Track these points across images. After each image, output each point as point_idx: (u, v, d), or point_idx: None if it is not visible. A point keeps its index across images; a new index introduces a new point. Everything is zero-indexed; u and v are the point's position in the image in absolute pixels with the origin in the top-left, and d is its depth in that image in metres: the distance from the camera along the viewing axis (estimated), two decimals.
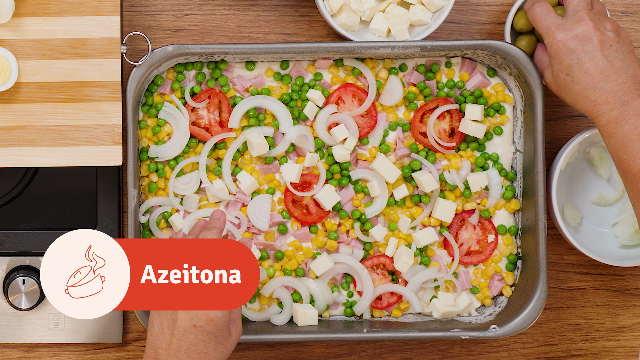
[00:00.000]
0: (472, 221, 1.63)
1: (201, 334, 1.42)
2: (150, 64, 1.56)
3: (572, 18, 1.52)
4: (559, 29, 1.51)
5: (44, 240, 1.62)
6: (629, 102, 1.48)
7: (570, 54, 1.50)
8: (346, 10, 1.62)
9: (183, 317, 1.42)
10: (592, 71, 1.49)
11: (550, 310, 1.68)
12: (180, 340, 1.42)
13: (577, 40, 1.50)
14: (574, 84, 1.51)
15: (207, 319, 1.42)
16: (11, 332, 1.63)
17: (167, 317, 1.43)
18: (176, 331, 1.42)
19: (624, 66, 1.50)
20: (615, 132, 1.48)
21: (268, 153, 1.61)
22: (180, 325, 1.42)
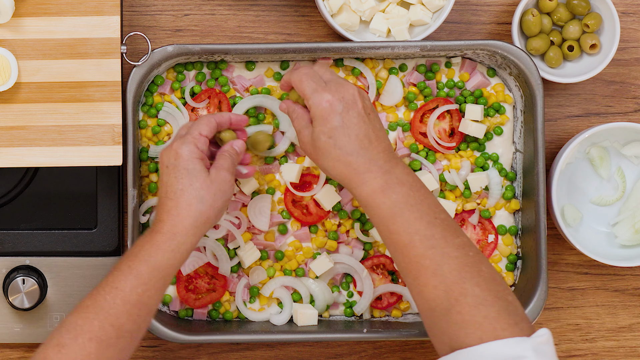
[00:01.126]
0: (472, 221, 1.63)
1: (172, 170, 1.46)
2: (150, 64, 1.56)
3: (335, 83, 1.47)
4: (326, 90, 1.46)
5: (44, 240, 1.62)
6: (391, 171, 1.43)
7: (335, 115, 1.44)
8: (346, 10, 1.62)
9: (160, 165, 1.48)
10: (356, 136, 1.44)
11: (550, 310, 1.68)
12: (161, 186, 1.47)
13: (344, 103, 1.45)
14: (335, 148, 1.44)
15: (174, 155, 1.46)
16: (11, 332, 1.63)
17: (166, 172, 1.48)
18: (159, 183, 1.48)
19: (382, 135, 1.46)
20: (382, 203, 1.42)
21: (268, 153, 1.61)
22: (160, 173, 1.48)
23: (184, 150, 1.46)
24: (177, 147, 1.47)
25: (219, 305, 1.62)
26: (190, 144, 1.47)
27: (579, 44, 1.64)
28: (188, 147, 1.47)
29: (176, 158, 1.46)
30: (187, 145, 1.47)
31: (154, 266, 1.43)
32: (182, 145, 1.47)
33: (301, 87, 1.48)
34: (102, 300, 1.41)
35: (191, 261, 1.60)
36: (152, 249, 1.43)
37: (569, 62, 1.66)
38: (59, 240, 1.62)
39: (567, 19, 1.64)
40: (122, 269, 1.42)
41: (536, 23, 1.63)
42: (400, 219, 1.41)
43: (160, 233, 1.44)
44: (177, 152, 1.46)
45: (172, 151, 1.47)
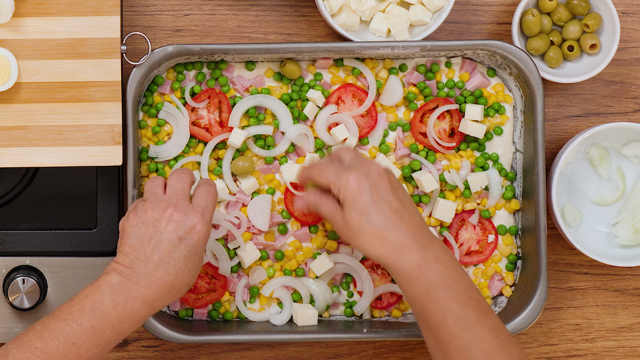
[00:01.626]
0: (472, 221, 1.63)
1: (184, 247, 1.42)
2: (150, 64, 1.56)
3: (357, 163, 1.46)
4: (349, 170, 1.44)
5: (44, 240, 1.62)
6: (427, 247, 1.42)
7: (363, 194, 1.42)
8: (346, 10, 1.62)
9: (168, 228, 1.41)
10: (387, 211, 1.42)
11: (550, 310, 1.68)
12: (161, 252, 1.41)
13: (370, 179, 1.44)
14: (369, 224, 1.42)
15: (193, 232, 1.42)
16: (11, 332, 1.63)
17: (147, 229, 1.42)
18: (158, 244, 1.41)
19: (413, 210, 1.45)
20: (418, 279, 1.40)
21: (268, 153, 1.61)
22: (164, 237, 1.41)
23: (205, 233, 1.43)
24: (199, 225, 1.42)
25: (219, 305, 1.62)
26: (209, 227, 1.44)
27: (579, 44, 1.64)
28: (208, 230, 1.43)
29: (194, 236, 1.42)
30: (207, 227, 1.43)
31: (120, 333, 1.40)
32: (204, 226, 1.43)
33: (323, 175, 1.47)
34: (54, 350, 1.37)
35: None
36: (124, 316, 1.40)
37: (569, 62, 1.66)
38: (59, 240, 1.62)
39: (567, 19, 1.64)
40: (85, 326, 1.38)
41: (536, 23, 1.63)
42: (435, 297, 1.40)
43: (139, 301, 1.40)
44: (198, 231, 1.42)
45: (190, 226, 1.42)
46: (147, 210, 1.43)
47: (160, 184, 1.47)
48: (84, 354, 1.38)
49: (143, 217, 1.43)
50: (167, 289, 1.42)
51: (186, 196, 1.45)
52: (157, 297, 1.41)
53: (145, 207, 1.44)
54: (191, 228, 1.42)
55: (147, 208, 1.43)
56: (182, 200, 1.44)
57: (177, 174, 1.47)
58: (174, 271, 1.42)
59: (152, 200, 1.44)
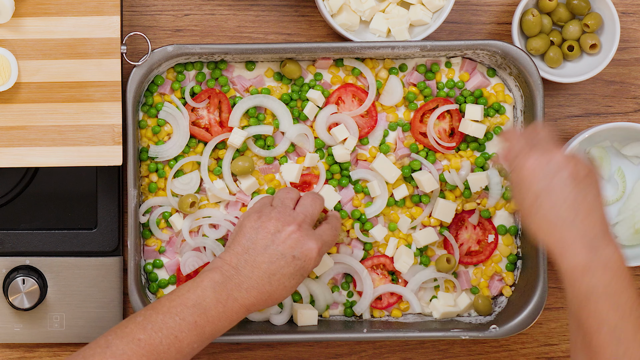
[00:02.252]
0: (472, 221, 1.63)
1: (294, 266, 1.44)
2: (150, 64, 1.56)
3: (541, 147, 1.39)
4: (530, 154, 1.38)
5: (44, 240, 1.62)
6: (597, 250, 1.33)
7: (538, 181, 1.36)
8: (346, 10, 1.62)
9: (285, 244, 1.44)
10: (561, 205, 1.34)
11: (550, 310, 1.68)
12: (271, 263, 1.44)
13: (548, 169, 1.36)
14: (539, 215, 1.36)
15: (307, 257, 1.45)
16: (11, 332, 1.63)
17: (265, 236, 1.45)
18: (271, 253, 1.44)
19: (594, 205, 1.35)
20: (580, 282, 1.33)
21: (268, 153, 1.61)
22: (278, 250, 1.44)
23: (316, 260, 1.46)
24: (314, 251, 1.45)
25: None
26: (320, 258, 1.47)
27: (579, 44, 1.64)
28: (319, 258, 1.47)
29: (307, 260, 1.45)
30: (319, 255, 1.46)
31: (218, 330, 1.43)
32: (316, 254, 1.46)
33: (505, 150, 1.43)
34: (157, 342, 1.39)
35: (191, 261, 1.60)
36: (224, 314, 1.43)
37: (569, 62, 1.66)
38: (59, 240, 1.62)
39: (567, 19, 1.64)
40: (188, 321, 1.41)
41: (536, 23, 1.63)
42: (594, 304, 1.32)
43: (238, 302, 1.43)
44: (312, 257, 1.45)
45: (308, 250, 1.45)
46: (272, 219, 1.46)
47: (294, 197, 1.51)
48: (185, 348, 1.41)
49: (266, 224, 1.46)
50: (264, 297, 1.44)
51: (313, 221, 1.49)
52: (255, 302, 1.44)
53: (271, 215, 1.47)
54: (308, 252, 1.45)
55: (272, 216, 1.46)
56: (308, 223, 1.48)
57: (313, 198, 1.51)
58: (277, 284, 1.44)
59: (280, 210, 1.47)
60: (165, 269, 1.61)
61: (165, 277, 1.61)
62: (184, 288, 1.43)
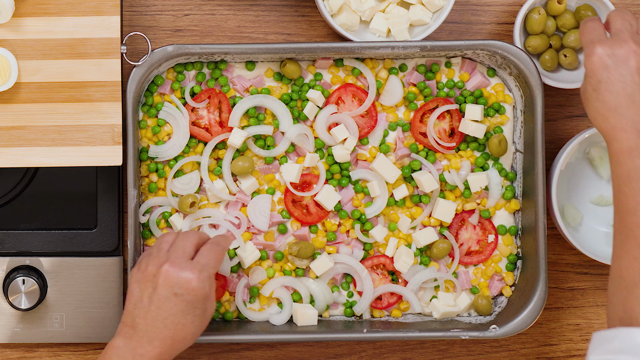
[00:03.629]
0: (472, 221, 1.63)
1: (180, 303, 1.43)
2: (150, 64, 1.56)
3: (616, 37, 1.46)
4: (600, 43, 1.45)
5: (44, 240, 1.62)
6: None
7: (602, 70, 1.44)
8: (346, 10, 1.62)
9: (163, 284, 1.43)
10: (619, 93, 1.43)
11: (550, 310, 1.68)
12: (159, 308, 1.43)
13: (613, 59, 1.44)
14: (597, 101, 1.43)
15: (188, 288, 1.43)
16: (11, 332, 1.63)
17: (147, 285, 1.44)
18: (155, 299, 1.44)
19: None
20: (624, 163, 1.41)
21: (268, 153, 1.61)
22: (160, 293, 1.43)
23: (200, 289, 1.44)
24: (194, 282, 1.44)
25: (219, 305, 1.62)
26: (206, 284, 1.45)
27: (576, 54, 1.64)
28: (204, 287, 1.45)
29: (189, 292, 1.44)
30: (203, 284, 1.45)
31: None
32: (199, 283, 1.44)
33: (581, 39, 1.48)
34: None
35: None
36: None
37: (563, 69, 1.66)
38: (59, 240, 1.62)
39: (570, 26, 1.64)
40: None
41: (540, 22, 1.62)
42: (634, 184, 1.40)
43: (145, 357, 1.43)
44: (193, 288, 1.44)
45: (185, 282, 1.44)
46: (147, 265, 1.46)
47: (169, 240, 1.50)
48: None
49: (144, 273, 1.46)
50: (169, 342, 1.44)
51: (186, 253, 1.47)
52: (161, 351, 1.44)
53: (147, 262, 1.47)
54: (186, 284, 1.44)
55: (148, 263, 1.47)
56: (180, 257, 1.46)
57: (184, 233, 1.50)
58: (172, 325, 1.44)
59: (154, 255, 1.48)
60: None
61: None
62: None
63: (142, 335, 1.44)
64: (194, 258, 1.47)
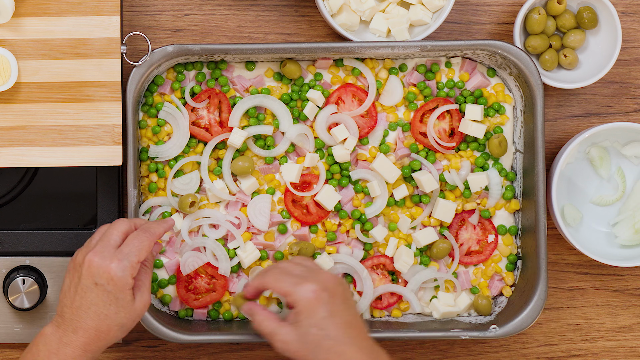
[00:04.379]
0: (472, 221, 1.63)
1: (102, 293, 1.43)
2: (150, 64, 1.56)
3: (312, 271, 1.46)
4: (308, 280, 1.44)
5: (44, 240, 1.62)
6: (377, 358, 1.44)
7: (322, 305, 1.42)
8: (346, 10, 1.62)
9: (86, 274, 1.43)
10: (344, 325, 1.43)
11: (550, 310, 1.68)
12: (82, 298, 1.43)
13: (328, 292, 1.44)
14: (327, 339, 1.42)
15: (108, 278, 1.42)
16: (11, 332, 1.63)
17: (74, 274, 1.45)
18: (79, 289, 1.43)
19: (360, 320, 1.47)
20: None
21: (268, 153, 1.61)
22: (84, 283, 1.43)
23: (120, 279, 1.42)
24: (112, 271, 1.42)
25: (218, 305, 1.62)
26: (127, 273, 1.43)
27: (576, 54, 1.64)
28: (124, 276, 1.43)
29: (109, 282, 1.42)
30: (123, 273, 1.42)
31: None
32: (118, 272, 1.42)
33: (279, 284, 1.46)
34: None
35: (191, 261, 1.60)
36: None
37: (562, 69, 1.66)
38: (59, 240, 1.62)
39: (570, 26, 1.64)
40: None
41: (540, 22, 1.62)
42: None
43: (70, 346, 1.42)
44: (112, 277, 1.42)
45: (105, 272, 1.42)
46: (77, 255, 1.46)
47: (102, 230, 1.49)
48: None
49: (73, 262, 1.46)
50: (93, 333, 1.43)
51: (110, 242, 1.45)
52: (87, 341, 1.43)
53: (79, 252, 1.47)
54: (105, 274, 1.42)
55: (78, 252, 1.47)
56: (105, 246, 1.44)
57: (115, 222, 1.48)
58: (95, 316, 1.43)
59: (85, 245, 1.47)
60: (165, 269, 1.61)
61: (165, 277, 1.61)
62: (25, 350, 1.45)
63: (68, 325, 1.43)
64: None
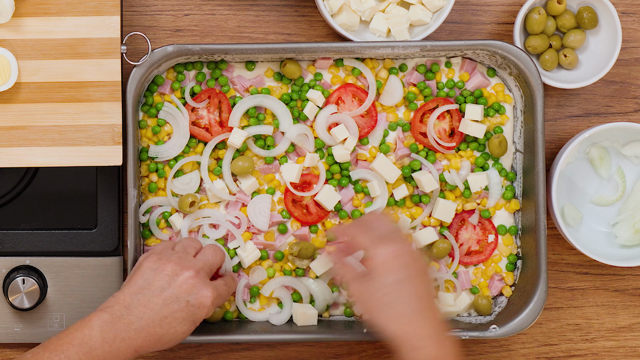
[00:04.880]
0: (472, 221, 1.63)
1: (187, 311, 1.44)
2: (150, 64, 1.57)
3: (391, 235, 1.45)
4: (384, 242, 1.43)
5: (44, 240, 1.62)
6: (444, 344, 1.41)
7: (395, 271, 1.42)
8: (346, 10, 1.62)
9: (181, 287, 1.44)
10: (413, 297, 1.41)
11: (550, 310, 1.68)
12: (164, 304, 1.43)
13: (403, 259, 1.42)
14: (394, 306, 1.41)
15: (201, 304, 1.44)
16: (11, 332, 1.63)
17: (162, 277, 1.45)
18: (166, 294, 1.44)
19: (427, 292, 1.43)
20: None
21: (268, 153, 1.61)
22: (174, 293, 1.44)
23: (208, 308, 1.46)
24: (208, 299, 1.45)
25: None
26: (213, 308, 1.47)
27: (576, 53, 1.64)
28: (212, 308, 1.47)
29: (200, 307, 1.45)
30: (213, 305, 1.46)
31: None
32: (209, 302, 1.45)
33: (361, 237, 1.46)
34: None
35: None
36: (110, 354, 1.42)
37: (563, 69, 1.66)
38: (59, 240, 1.62)
39: (570, 26, 1.64)
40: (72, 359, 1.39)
41: (540, 22, 1.62)
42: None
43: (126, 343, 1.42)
44: (205, 305, 1.45)
45: (202, 297, 1.45)
46: (171, 262, 1.46)
47: (196, 246, 1.52)
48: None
49: (164, 266, 1.46)
50: (153, 339, 1.44)
51: (211, 271, 1.50)
52: (143, 344, 1.43)
53: (170, 258, 1.47)
54: (202, 299, 1.45)
55: (172, 259, 1.47)
56: (206, 272, 1.48)
57: (214, 249, 1.52)
58: (167, 327, 1.44)
59: (180, 255, 1.48)
60: None
61: None
62: (74, 327, 1.43)
63: (134, 321, 1.43)
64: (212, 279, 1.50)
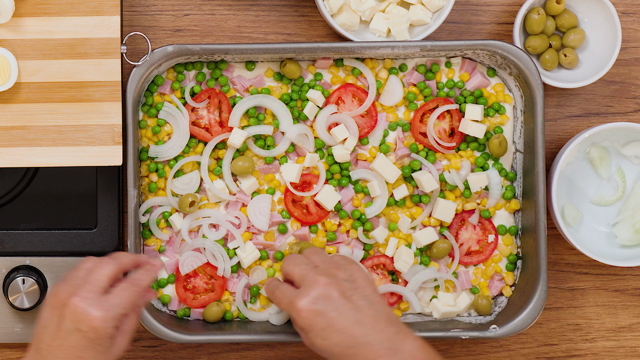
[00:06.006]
0: (472, 221, 1.63)
1: (82, 338, 1.40)
2: (150, 64, 1.57)
3: (305, 284, 1.46)
4: (299, 297, 1.44)
5: (44, 240, 1.62)
6: (399, 349, 1.42)
7: (318, 317, 1.43)
8: (346, 10, 1.62)
9: (69, 317, 1.40)
10: (347, 327, 1.42)
11: (550, 310, 1.68)
12: (63, 339, 1.41)
13: (320, 301, 1.44)
14: (334, 347, 1.42)
15: (91, 327, 1.40)
16: (11, 332, 1.63)
17: (55, 313, 1.42)
18: (61, 330, 1.41)
19: (375, 311, 1.45)
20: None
21: (268, 153, 1.61)
22: (66, 325, 1.41)
23: (103, 329, 1.40)
24: (96, 321, 1.40)
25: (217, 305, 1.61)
26: (110, 324, 1.41)
27: (576, 53, 1.64)
28: (107, 327, 1.41)
29: (91, 330, 1.40)
30: (106, 324, 1.40)
31: None
32: (102, 323, 1.40)
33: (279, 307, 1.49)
34: None
35: (190, 261, 1.60)
36: None
37: (563, 68, 1.66)
38: (59, 240, 1.62)
39: (570, 26, 1.64)
40: None
41: (540, 22, 1.63)
42: None
43: None
44: (95, 327, 1.40)
45: (89, 320, 1.39)
46: (61, 292, 1.42)
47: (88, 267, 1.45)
48: None
49: (56, 298, 1.42)
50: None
51: (98, 287, 1.42)
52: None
53: (62, 288, 1.43)
54: (90, 322, 1.40)
55: (62, 289, 1.43)
56: (91, 290, 1.42)
57: (103, 262, 1.45)
58: (73, 358, 1.41)
59: (69, 282, 1.43)
60: (165, 269, 1.61)
61: (164, 276, 1.62)
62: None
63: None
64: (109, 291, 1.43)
